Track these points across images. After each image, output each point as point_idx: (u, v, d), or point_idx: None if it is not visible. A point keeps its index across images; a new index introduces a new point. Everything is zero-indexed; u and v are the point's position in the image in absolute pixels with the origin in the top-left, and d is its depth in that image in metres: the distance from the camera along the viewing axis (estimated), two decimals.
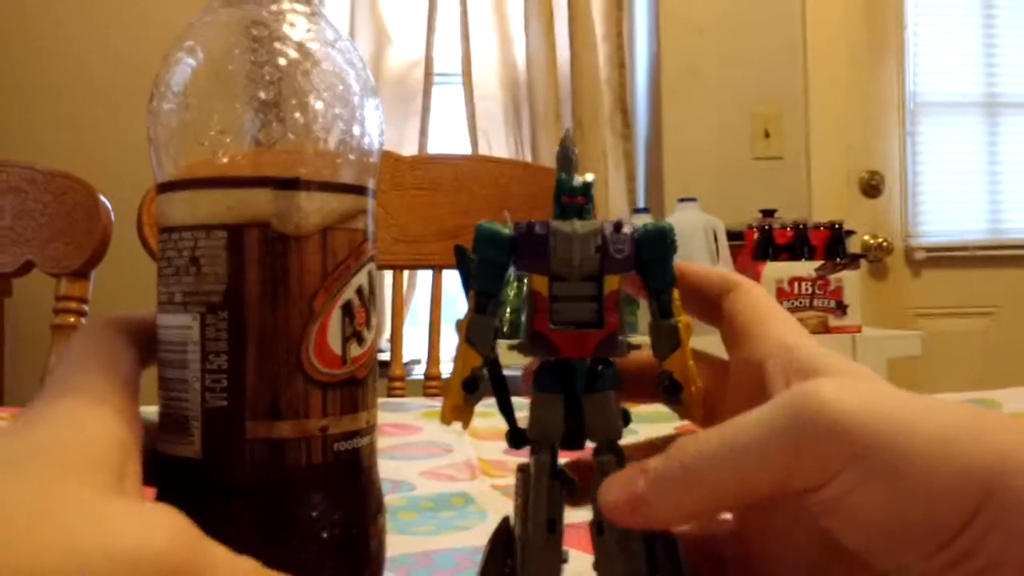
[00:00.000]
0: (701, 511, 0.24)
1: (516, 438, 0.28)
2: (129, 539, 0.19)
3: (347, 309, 0.27)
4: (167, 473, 0.27)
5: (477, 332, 0.26)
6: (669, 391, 0.27)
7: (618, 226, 0.26)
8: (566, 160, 0.27)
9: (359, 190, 0.28)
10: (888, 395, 0.21)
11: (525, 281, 0.27)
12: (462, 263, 0.27)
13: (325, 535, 0.27)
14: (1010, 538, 0.19)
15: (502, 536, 0.27)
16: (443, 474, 0.51)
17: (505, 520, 0.27)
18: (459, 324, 0.27)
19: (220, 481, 0.26)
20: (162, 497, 0.27)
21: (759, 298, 0.28)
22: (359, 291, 0.28)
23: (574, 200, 0.26)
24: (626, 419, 0.27)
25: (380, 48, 2.13)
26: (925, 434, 0.20)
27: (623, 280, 0.26)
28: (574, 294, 0.26)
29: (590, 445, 0.27)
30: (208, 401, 0.26)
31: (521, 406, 0.28)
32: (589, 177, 0.26)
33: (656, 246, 0.26)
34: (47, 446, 0.22)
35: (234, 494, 0.26)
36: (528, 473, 0.26)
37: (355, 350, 0.28)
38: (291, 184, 0.26)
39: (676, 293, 0.27)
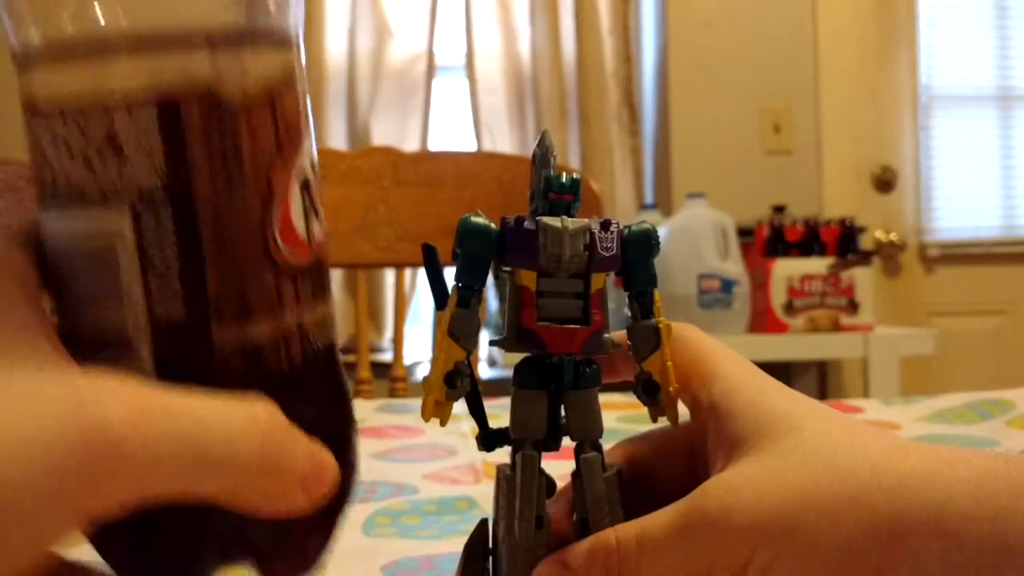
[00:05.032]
0: None
1: (490, 440, 0.28)
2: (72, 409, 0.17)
3: (304, 183, 0.24)
4: None
5: (461, 326, 0.26)
6: (647, 391, 0.27)
7: (606, 224, 0.26)
8: (545, 160, 0.27)
9: (295, 42, 0.24)
10: (783, 473, 0.23)
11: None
12: (433, 264, 0.27)
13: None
14: None
15: (481, 539, 0.27)
16: (446, 477, 0.50)
17: (483, 522, 0.28)
18: (439, 318, 0.26)
19: None
20: None
21: (700, 340, 0.29)
22: (312, 161, 0.24)
23: (562, 197, 0.26)
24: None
25: (381, 42, 2.10)
26: (814, 512, 0.21)
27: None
28: (561, 291, 0.26)
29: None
30: (158, 312, 0.22)
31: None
32: (576, 175, 0.26)
33: (641, 247, 0.27)
34: None
35: None
36: (509, 471, 0.26)
37: (317, 228, 0.24)
38: (233, 40, 0.22)
39: (657, 295, 0.27)
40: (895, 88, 2.29)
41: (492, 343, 0.27)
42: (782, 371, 2.11)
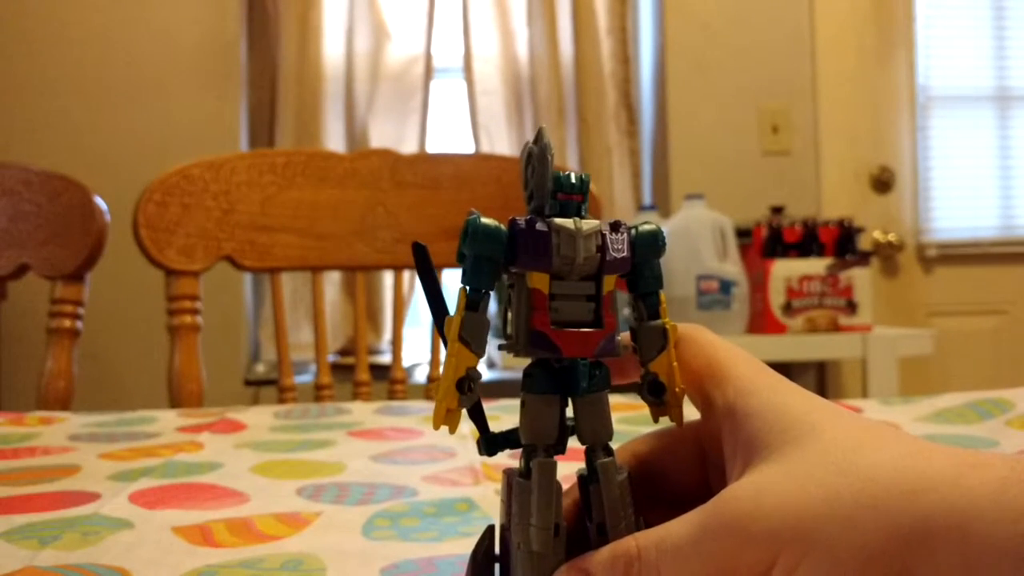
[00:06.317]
0: None
1: (492, 444, 0.28)
2: None
3: None
4: None
5: (471, 330, 0.26)
6: (653, 392, 0.27)
7: (615, 226, 0.26)
8: (543, 158, 0.26)
9: None
10: (804, 479, 0.22)
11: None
12: (424, 262, 0.27)
13: None
14: None
15: (488, 545, 0.27)
16: (446, 479, 0.50)
17: (490, 528, 0.27)
18: (448, 322, 0.26)
19: None
20: None
21: (712, 341, 0.29)
22: None
23: (572, 197, 0.26)
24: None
25: (379, 44, 2.10)
26: (836, 517, 0.21)
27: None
28: (573, 293, 0.26)
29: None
30: None
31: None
32: (585, 174, 0.26)
33: (649, 248, 0.27)
34: None
35: None
36: (521, 478, 0.26)
37: None
38: None
39: (662, 295, 0.27)
40: (893, 89, 2.29)
41: (501, 347, 0.26)
42: (781, 372, 2.10)
